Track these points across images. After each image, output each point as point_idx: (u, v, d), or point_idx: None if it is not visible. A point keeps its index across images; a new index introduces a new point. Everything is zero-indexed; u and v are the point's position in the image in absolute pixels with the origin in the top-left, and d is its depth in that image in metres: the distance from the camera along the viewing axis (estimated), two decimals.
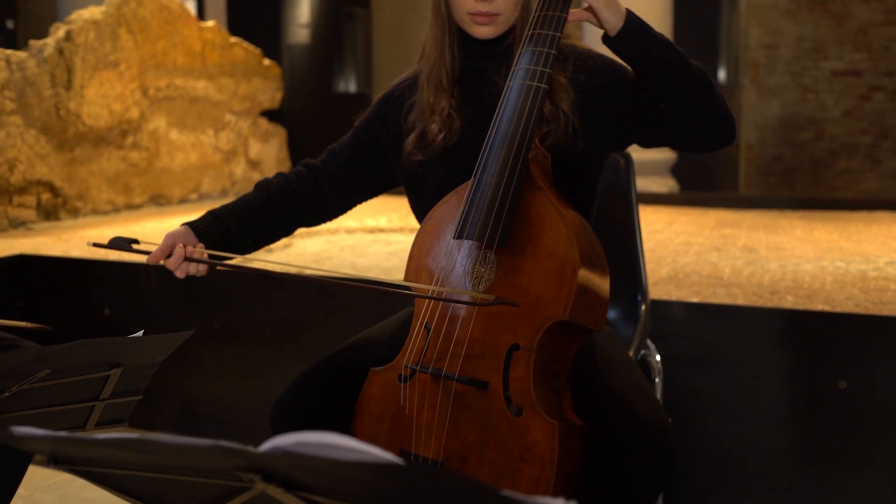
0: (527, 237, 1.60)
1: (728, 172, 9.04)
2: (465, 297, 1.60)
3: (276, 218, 1.85)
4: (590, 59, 1.77)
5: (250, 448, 0.74)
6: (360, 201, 1.93)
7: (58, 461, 0.96)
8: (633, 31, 1.63)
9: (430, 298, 1.63)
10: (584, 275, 1.57)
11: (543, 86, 1.65)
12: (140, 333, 1.40)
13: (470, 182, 1.65)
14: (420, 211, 1.85)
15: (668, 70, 1.64)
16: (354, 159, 1.89)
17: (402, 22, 9.45)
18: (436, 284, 1.65)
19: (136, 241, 1.67)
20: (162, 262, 1.69)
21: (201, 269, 1.69)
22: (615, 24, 1.63)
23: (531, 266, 1.58)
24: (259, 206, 1.82)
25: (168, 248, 1.68)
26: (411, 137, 1.81)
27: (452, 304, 1.62)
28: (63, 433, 0.82)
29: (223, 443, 0.73)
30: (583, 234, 1.61)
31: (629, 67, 1.71)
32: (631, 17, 1.64)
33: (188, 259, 1.67)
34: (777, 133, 8.75)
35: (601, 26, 1.65)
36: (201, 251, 1.69)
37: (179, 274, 1.68)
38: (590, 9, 1.64)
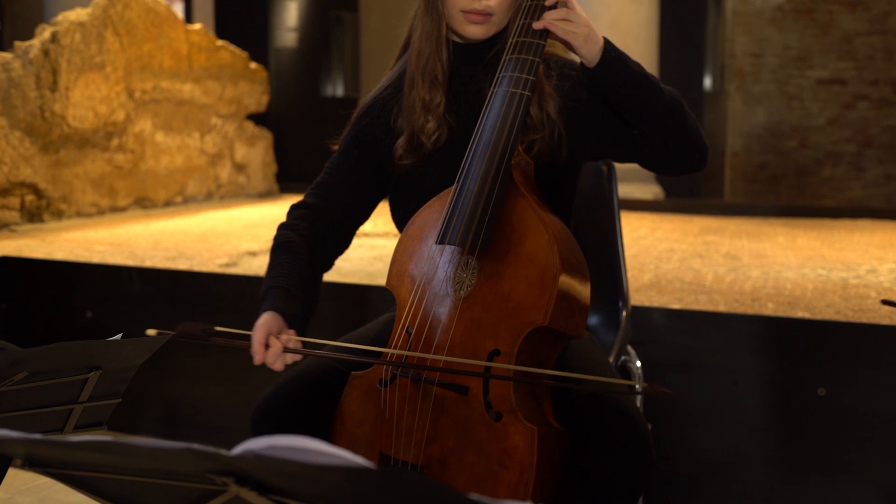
0: (508, 243, 1.61)
1: (713, 180, 9.08)
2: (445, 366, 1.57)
3: (318, 272, 1.79)
4: (573, 71, 1.78)
5: (222, 451, 0.74)
6: (364, 221, 1.89)
7: (33, 464, 0.96)
8: (609, 65, 1.64)
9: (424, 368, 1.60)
10: (565, 281, 1.58)
11: (527, 93, 1.66)
12: (119, 336, 1.40)
13: (453, 188, 1.66)
14: (400, 216, 1.85)
15: (641, 102, 1.66)
16: (355, 183, 1.83)
17: (389, 26, 9.44)
18: (418, 289, 1.65)
19: (211, 328, 1.58)
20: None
21: (297, 356, 1.61)
22: (593, 56, 1.64)
23: (512, 272, 1.59)
24: (306, 266, 1.74)
25: (265, 341, 1.58)
26: (401, 140, 1.79)
27: (433, 311, 1.63)
28: (38, 435, 0.82)
29: (195, 446, 0.73)
30: (564, 240, 1.62)
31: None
32: (608, 50, 1.64)
33: (286, 350, 1.59)
34: (762, 141, 8.80)
35: (577, 54, 1.67)
36: (294, 339, 1.60)
37: (279, 367, 1.59)
38: (567, 42, 1.66)
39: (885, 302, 1.56)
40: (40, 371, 1.32)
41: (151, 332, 1.50)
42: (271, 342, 1.58)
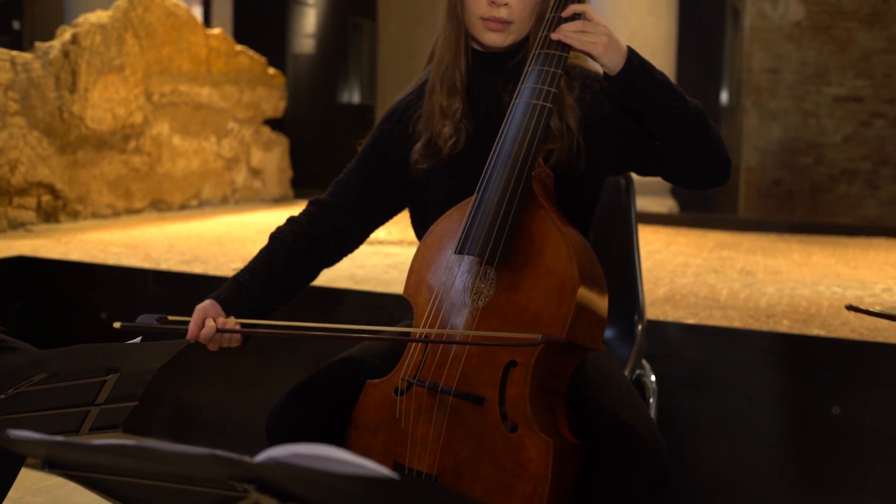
0: (527, 254, 1.60)
1: (728, 195, 9.05)
2: (456, 337, 1.60)
3: (299, 269, 1.81)
4: (596, 83, 1.77)
5: (246, 458, 0.74)
6: (378, 226, 1.89)
7: (52, 465, 0.96)
8: (632, 73, 1.64)
9: (428, 342, 1.63)
10: (584, 293, 1.57)
11: (549, 105, 1.66)
12: (138, 340, 1.40)
13: (473, 198, 1.66)
14: (418, 223, 1.85)
15: (665, 111, 1.66)
16: (367, 185, 1.84)
17: (408, 34, 9.47)
18: (435, 299, 1.65)
19: (164, 317, 1.65)
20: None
21: (234, 339, 1.67)
22: (615, 64, 1.64)
23: (531, 283, 1.59)
24: (280, 261, 1.77)
25: (201, 322, 1.65)
26: (418, 145, 1.79)
27: (451, 320, 1.63)
28: (59, 438, 0.83)
29: (219, 452, 0.73)
30: (583, 252, 1.61)
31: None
32: (631, 58, 1.64)
33: (220, 331, 1.65)
34: (777, 157, 8.77)
35: (598, 63, 1.67)
36: (233, 321, 1.66)
37: (213, 347, 1.66)
38: (586, 52, 1.66)
39: (850, 307, 1.56)
40: (59, 372, 1.32)
41: (117, 325, 1.62)
42: (206, 324, 1.64)
